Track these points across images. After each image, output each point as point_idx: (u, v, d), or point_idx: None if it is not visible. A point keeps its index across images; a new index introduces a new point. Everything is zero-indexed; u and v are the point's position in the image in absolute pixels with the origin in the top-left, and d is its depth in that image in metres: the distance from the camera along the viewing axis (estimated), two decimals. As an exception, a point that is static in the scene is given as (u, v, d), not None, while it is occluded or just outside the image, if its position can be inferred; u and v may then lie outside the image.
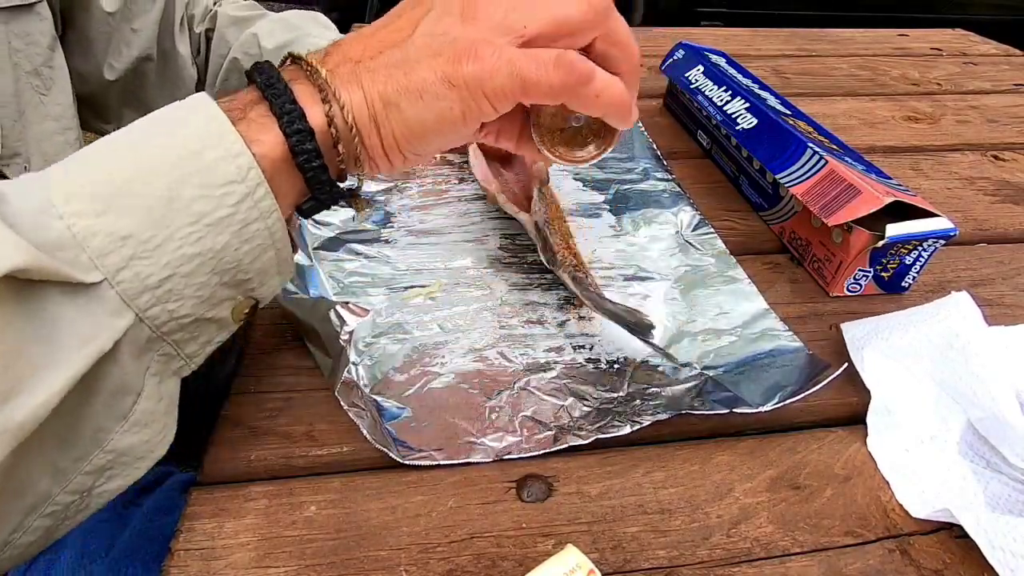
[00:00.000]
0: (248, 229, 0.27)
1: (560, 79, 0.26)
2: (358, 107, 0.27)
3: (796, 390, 0.37)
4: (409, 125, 0.28)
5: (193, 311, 0.27)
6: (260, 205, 0.26)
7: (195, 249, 0.26)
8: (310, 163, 0.27)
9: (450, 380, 0.38)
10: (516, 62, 0.26)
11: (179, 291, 0.26)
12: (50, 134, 0.48)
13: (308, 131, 0.27)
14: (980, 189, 0.62)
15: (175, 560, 0.29)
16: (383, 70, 0.27)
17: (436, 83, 0.27)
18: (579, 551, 0.27)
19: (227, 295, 0.28)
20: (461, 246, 0.49)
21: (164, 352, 0.28)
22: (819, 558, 0.31)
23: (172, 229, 0.25)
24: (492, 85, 0.26)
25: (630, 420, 0.35)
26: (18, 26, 0.45)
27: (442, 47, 0.27)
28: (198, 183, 0.25)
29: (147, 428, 0.28)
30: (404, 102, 0.27)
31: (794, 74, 0.88)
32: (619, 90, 0.28)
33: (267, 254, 0.28)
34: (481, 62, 0.26)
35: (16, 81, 0.45)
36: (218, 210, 0.26)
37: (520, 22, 0.27)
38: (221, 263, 0.27)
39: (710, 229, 0.52)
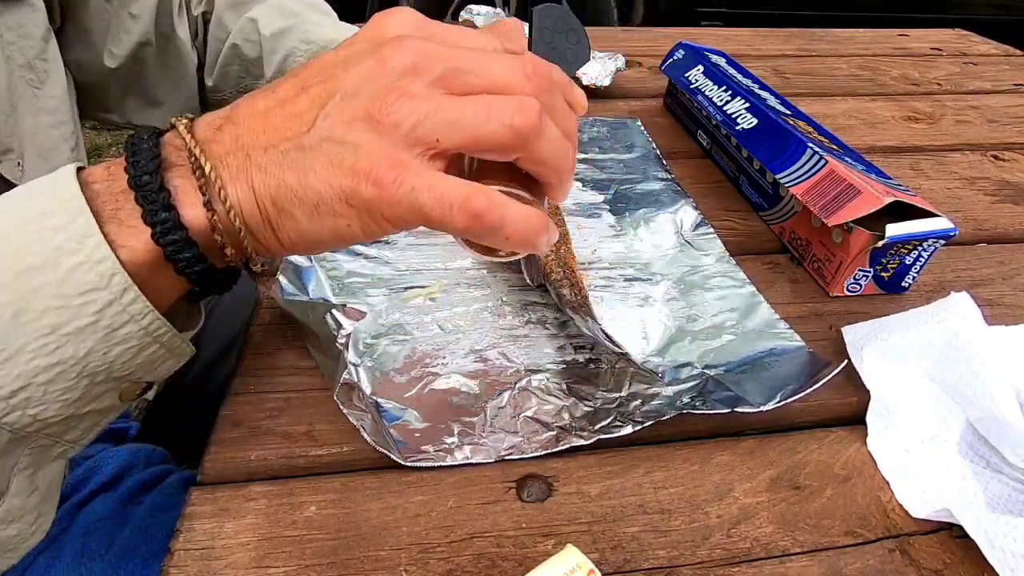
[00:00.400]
0: (117, 334, 0.25)
1: (464, 224, 0.23)
2: (247, 207, 0.25)
3: (797, 388, 0.37)
4: (304, 234, 0.26)
5: (61, 412, 0.25)
6: (130, 309, 0.24)
7: (51, 359, 0.24)
8: (191, 268, 0.25)
9: (451, 381, 0.38)
10: (419, 195, 0.23)
11: (38, 398, 0.24)
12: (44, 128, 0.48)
13: (185, 241, 0.25)
14: (980, 189, 0.62)
15: (175, 560, 0.29)
16: (275, 170, 0.25)
17: (333, 200, 0.24)
18: (579, 551, 0.27)
19: (105, 389, 0.26)
20: (459, 247, 0.49)
21: (38, 444, 0.26)
22: (819, 558, 0.31)
23: (21, 342, 0.23)
24: (391, 214, 0.24)
25: (631, 420, 0.35)
26: (11, 18, 0.44)
27: (342, 157, 0.24)
28: (51, 294, 0.23)
29: (16, 523, 0.27)
30: (298, 212, 0.25)
31: (794, 74, 0.88)
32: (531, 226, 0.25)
33: (148, 351, 0.26)
34: (381, 188, 0.23)
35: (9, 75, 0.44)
36: (76, 320, 0.24)
37: (433, 134, 0.24)
38: (88, 368, 0.25)
39: (710, 229, 0.52)
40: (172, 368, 0.29)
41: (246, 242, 0.26)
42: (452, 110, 0.24)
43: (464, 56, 0.25)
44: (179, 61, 0.60)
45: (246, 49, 0.59)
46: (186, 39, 0.59)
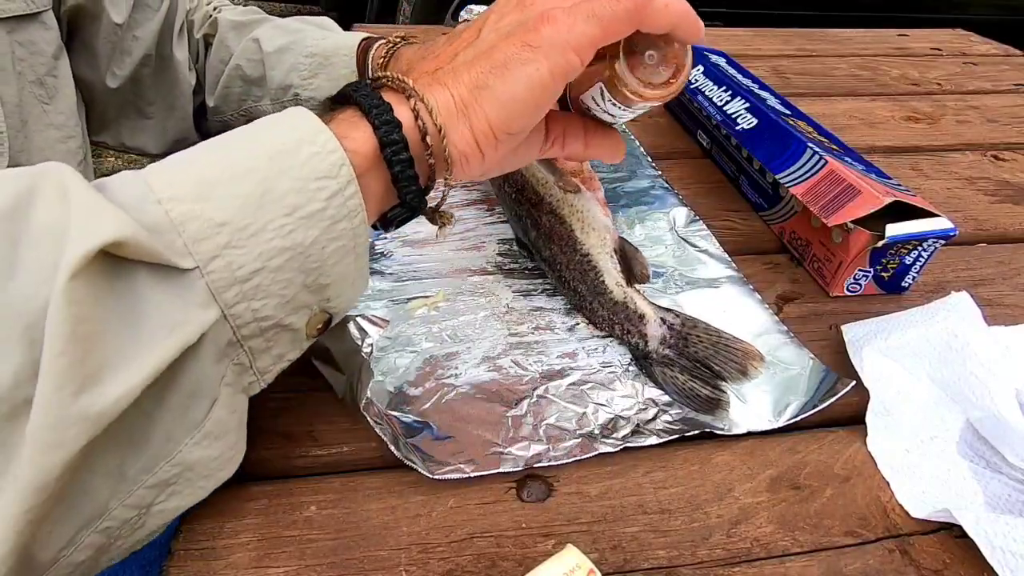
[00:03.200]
0: (336, 227, 0.27)
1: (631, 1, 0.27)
2: (443, 103, 0.29)
3: (806, 403, 0.37)
4: (500, 100, 0.29)
5: (274, 312, 0.27)
6: (349, 203, 0.27)
7: (286, 242, 0.26)
8: (398, 155, 0.28)
9: (467, 391, 0.38)
10: (587, 7, 0.28)
11: (265, 287, 0.26)
12: (52, 143, 0.48)
13: (396, 122, 0.28)
14: (980, 189, 0.62)
15: (175, 560, 0.29)
16: (463, 66, 0.29)
17: (518, 51, 0.28)
18: (579, 551, 0.27)
19: (306, 301, 0.28)
20: (460, 254, 0.49)
21: (239, 361, 0.28)
22: (819, 558, 0.31)
23: (267, 219, 0.26)
24: (573, 35, 0.28)
25: (655, 432, 0.35)
26: (22, 35, 0.45)
27: (513, 29, 0.29)
28: (294, 176, 0.26)
29: (218, 441, 0.28)
30: (491, 79, 0.28)
31: (794, 74, 0.88)
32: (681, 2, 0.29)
33: (348, 258, 0.29)
34: (556, 21, 0.28)
35: (20, 91, 0.45)
36: (311, 203, 0.26)
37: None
38: (308, 260, 0.27)
39: (703, 226, 0.52)
40: (349, 303, 0.31)
41: (443, 140, 0.29)
42: None
43: None
44: (175, 83, 0.60)
45: (248, 69, 0.60)
46: (184, 61, 0.60)
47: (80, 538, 0.25)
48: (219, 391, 0.27)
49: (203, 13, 0.63)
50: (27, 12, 0.45)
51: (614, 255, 0.43)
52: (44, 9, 0.47)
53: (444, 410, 0.37)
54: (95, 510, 0.25)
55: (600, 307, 0.42)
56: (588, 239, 0.43)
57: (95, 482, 0.24)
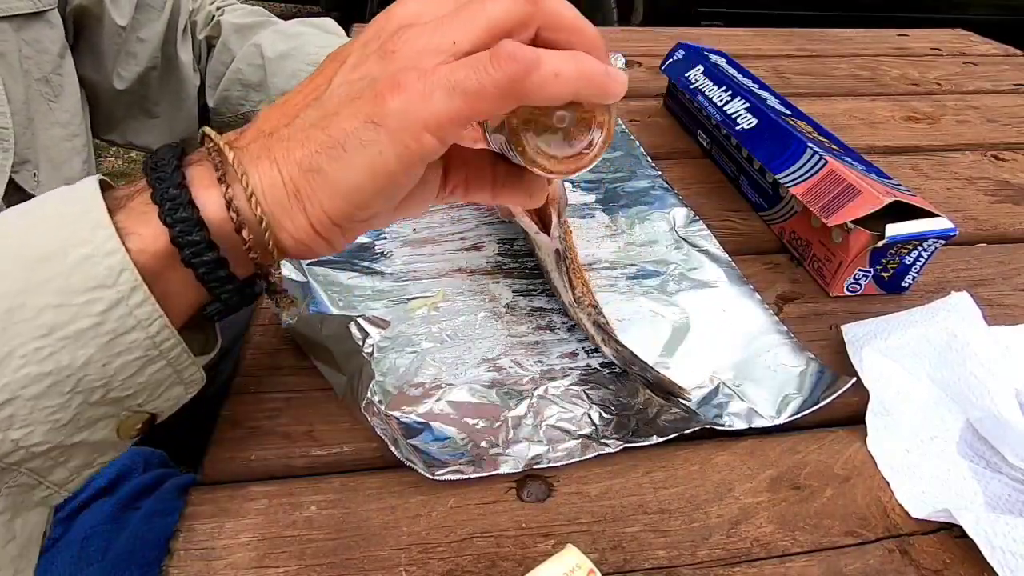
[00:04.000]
0: (121, 341, 0.23)
1: (506, 73, 0.21)
2: (270, 186, 0.23)
3: (805, 400, 0.38)
4: (336, 189, 0.23)
5: (48, 438, 0.23)
6: (136, 312, 0.23)
7: (44, 367, 0.22)
8: (198, 257, 0.23)
9: (467, 392, 0.38)
10: (450, 76, 0.22)
11: (23, 417, 0.22)
12: (58, 140, 0.48)
13: (193, 220, 0.23)
14: (980, 189, 0.62)
15: (175, 560, 0.29)
16: (298, 135, 0.23)
17: (359, 128, 0.22)
18: (579, 551, 0.27)
19: (101, 414, 0.24)
20: (459, 254, 0.49)
21: (17, 483, 0.23)
22: (819, 558, 0.31)
23: (13, 345, 0.21)
24: (428, 112, 0.22)
25: (656, 432, 0.35)
26: (29, 33, 0.45)
27: (361, 90, 0.23)
28: (53, 289, 0.22)
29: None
30: (325, 162, 0.23)
31: (794, 74, 0.88)
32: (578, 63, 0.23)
33: (153, 367, 0.24)
34: (407, 90, 0.22)
35: (27, 88, 0.45)
36: (77, 321, 0.22)
37: (447, 39, 0.23)
38: (84, 381, 0.23)
39: (703, 226, 0.52)
40: (179, 399, 0.27)
41: (267, 233, 0.24)
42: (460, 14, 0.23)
43: None
44: (180, 83, 0.60)
45: (248, 73, 0.60)
46: (188, 62, 0.60)
47: None
48: None
49: (206, 14, 0.63)
50: (33, 10, 0.45)
51: (562, 270, 0.41)
52: (49, 8, 0.47)
53: (444, 411, 0.36)
54: None
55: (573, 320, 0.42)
56: (541, 256, 0.43)
57: None
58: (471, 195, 0.29)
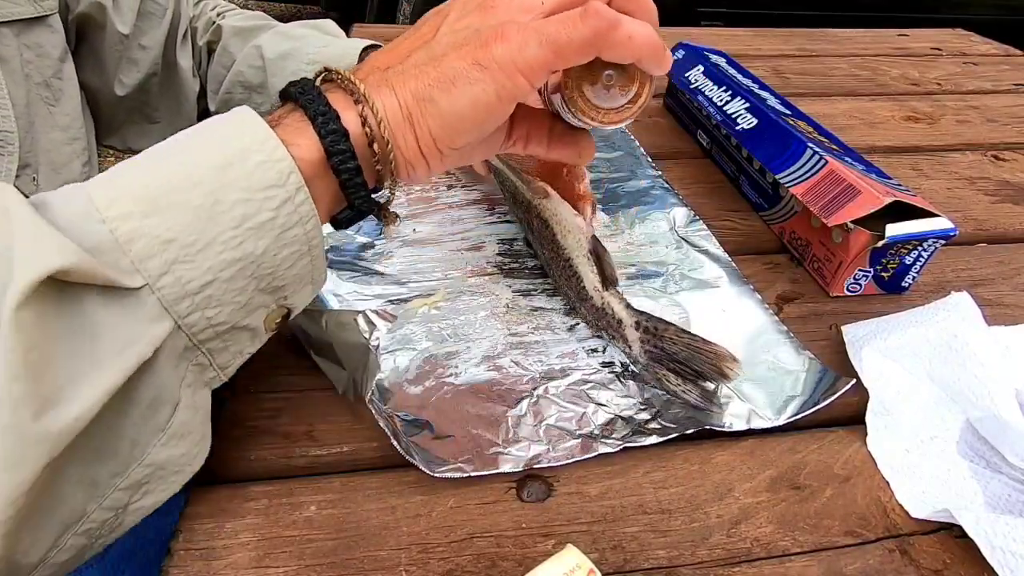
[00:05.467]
0: (287, 234, 0.27)
1: (591, 29, 0.26)
2: (391, 109, 0.28)
3: (806, 401, 0.37)
4: (444, 117, 0.28)
5: (230, 318, 0.27)
6: (300, 210, 0.27)
7: (236, 254, 0.26)
8: (345, 164, 0.27)
9: (467, 390, 0.38)
10: (544, 28, 0.26)
11: (218, 297, 0.26)
12: (58, 144, 0.49)
13: (342, 131, 0.27)
14: (980, 189, 0.62)
15: (175, 560, 0.29)
16: (412, 70, 0.28)
17: (467, 68, 0.27)
18: (579, 551, 0.27)
19: (262, 302, 0.28)
20: (459, 254, 0.49)
21: (198, 362, 0.28)
22: (819, 558, 0.31)
23: (215, 232, 0.25)
24: (524, 57, 0.26)
25: (655, 431, 0.35)
26: (30, 38, 0.46)
27: (467, 38, 0.27)
28: (242, 187, 0.25)
29: (184, 440, 0.28)
30: (437, 93, 0.27)
31: (794, 74, 0.88)
32: (649, 31, 0.27)
33: (303, 261, 0.28)
34: (508, 40, 0.26)
35: (28, 92, 0.45)
36: (260, 214, 0.26)
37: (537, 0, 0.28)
38: (260, 268, 0.27)
39: (703, 226, 0.52)
40: (308, 298, 0.31)
41: (390, 148, 0.28)
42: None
43: None
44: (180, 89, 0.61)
45: (249, 75, 0.60)
46: (188, 68, 0.60)
47: (63, 541, 0.25)
48: (180, 394, 0.27)
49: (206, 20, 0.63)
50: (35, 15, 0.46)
51: (590, 257, 0.42)
52: (51, 13, 0.47)
53: (444, 409, 0.37)
54: (73, 515, 0.25)
55: (586, 312, 0.42)
56: (567, 242, 0.43)
57: (69, 490, 0.25)
58: (530, 147, 0.34)
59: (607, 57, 0.28)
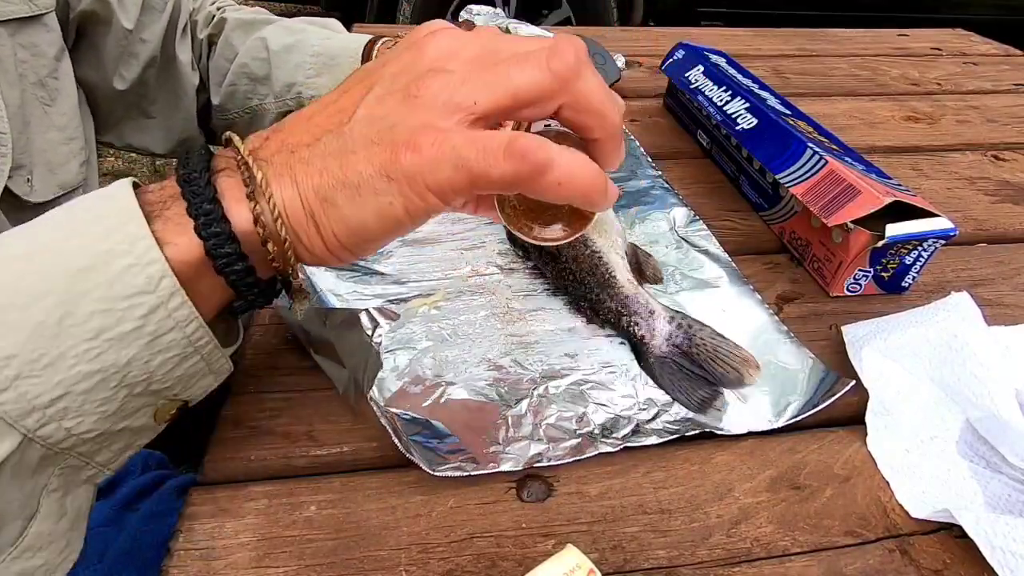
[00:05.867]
0: (161, 340, 0.25)
1: (512, 170, 0.23)
2: (291, 204, 0.25)
3: (806, 402, 0.37)
4: (348, 224, 0.25)
5: (97, 426, 0.25)
6: (175, 315, 0.25)
7: (93, 366, 0.24)
8: (230, 267, 0.25)
9: (467, 390, 0.38)
10: (461, 151, 0.23)
11: (76, 409, 0.24)
12: (54, 144, 0.48)
13: (226, 234, 0.25)
14: (980, 189, 0.62)
15: (175, 560, 0.29)
16: (318, 160, 0.25)
17: (374, 177, 0.24)
18: (579, 551, 0.27)
19: (143, 403, 0.26)
20: (459, 253, 0.49)
21: (67, 465, 0.26)
22: (819, 558, 0.31)
23: (65, 347, 0.23)
24: (435, 179, 0.23)
25: (655, 432, 0.35)
26: (24, 37, 0.45)
27: (381, 135, 0.24)
28: (98, 297, 0.23)
29: (43, 551, 0.26)
30: (340, 198, 0.24)
31: (794, 74, 0.88)
32: (585, 174, 0.24)
33: (188, 362, 0.26)
34: (420, 153, 0.23)
35: (22, 93, 0.45)
36: (121, 324, 0.24)
37: (469, 98, 0.24)
38: (128, 377, 0.25)
39: (703, 226, 0.52)
40: (209, 386, 0.28)
41: (288, 247, 0.25)
42: (487, 72, 0.24)
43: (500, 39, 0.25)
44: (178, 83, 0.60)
45: (254, 67, 0.60)
46: (187, 61, 0.60)
47: None
48: (38, 505, 0.25)
49: (206, 14, 0.63)
50: (30, 14, 0.45)
51: (625, 256, 0.43)
52: (46, 11, 0.47)
53: (444, 409, 0.37)
54: None
55: (608, 299, 0.42)
56: (599, 239, 0.44)
57: None
58: (480, 212, 0.31)
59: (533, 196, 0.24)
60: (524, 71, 0.24)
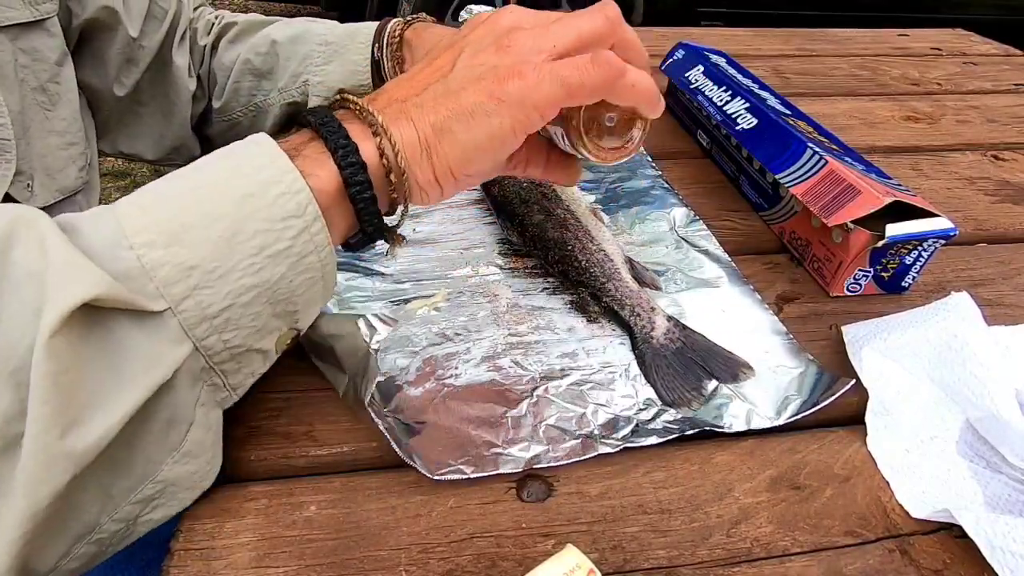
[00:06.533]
0: (303, 262, 0.28)
1: (600, 74, 0.28)
2: (409, 140, 0.29)
3: (805, 401, 0.38)
4: (463, 147, 0.29)
5: (245, 341, 0.28)
6: (316, 239, 0.28)
7: (254, 280, 0.27)
8: (362, 194, 0.29)
9: (467, 391, 0.38)
10: (557, 70, 0.28)
11: (235, 320, 0.27)
12: (54, 149, 0.48)
13: (361, 164, 0.28)
14: (980, 189, 0.62)
15: (175, 560, 0.29)
16: (430, 102, 0.29)
17: (485, 102, 0.28)
18: (579, 551, 0.27)
19: (276, 325, 0.29)
20: (460, 254, 0.49)
21: (212, 382, 0.29)
22: (819, 558, 0.31)
23: (235, 260, 0.27)
24: (539, 95, 0.28)
25: (655, 432, 0.36)
26: (26, 42, 0.45)
27: (484, 73, 0.29)
28: (261, 217, 0.27)
29: (196, 459, 0.29)
30: (456, 125, 0.29)
31: (794, 74, 0.88)
32: (648, 80, 0.30)
33: (316, 286, 0.30)
34: (524, 78, 0.28)
35: (22, 98, 0.45)
36: (278, 243, 0.27)
37: (549, 42, 0.29)
38: (276, 294, 0.28)
39: (702, 226, 0.52)
40: (315, 316, 0.33)
41: (405, 178, 0.29)
42: (558, 25, 0.30)
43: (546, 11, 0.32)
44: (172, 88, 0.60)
45: (257, 63, 0.60)
46: (183, 66, 0.60)
47: (75, 550, 0.27)
48: (195, 414, 0.28)
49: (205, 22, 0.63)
50: (31, 19, 0.45)
51: (626, 262, 0.45)
52: (48, 16, 0.46)
53: (444, 410, 0.36)
54: (87, 526, 0.27)
55: (614, 289, 0.43)
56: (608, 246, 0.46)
57: (85, 503, 0.26)
58: (528, 171, 0.36)
59: (612, 100, 0.30)
60: (585, 19, 0.30)
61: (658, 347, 0.40)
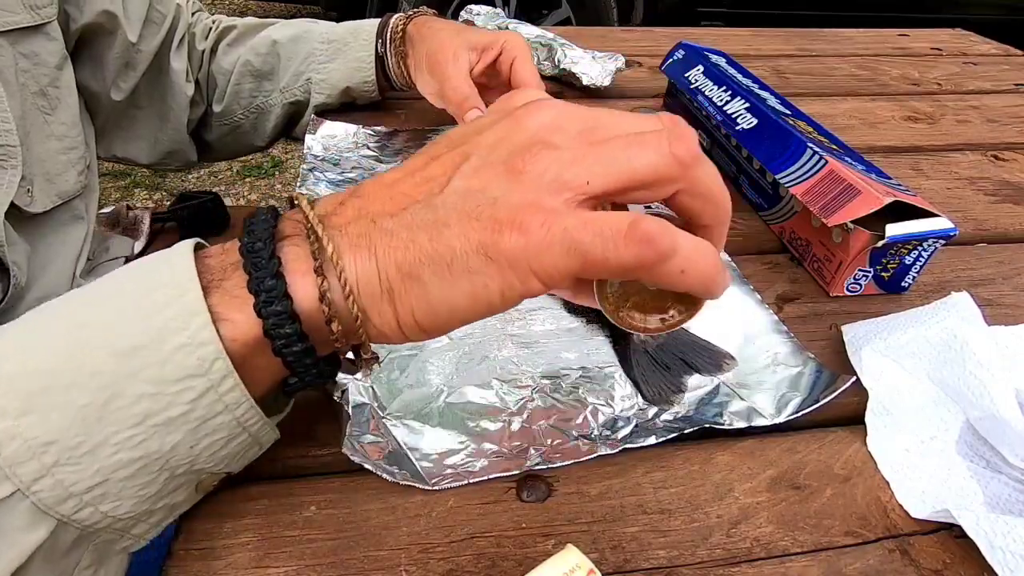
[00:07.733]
0: (209, 424, 0.23)
1: (634, 256, 0.21)
2: (365, 279, 0.23)
3: (805, 399, 0.38)
4: (432, 303, 0.23)
5: (134, 508, 0.24)
6: (226, 398, 0.23)
7: (135, 453, 0.22)
8: (289, 348, 0.23)
9: (466, 392, 0.38)
10: (574, 235, 0.21)
11: (115, 493, 0.23)
12: (53, 154, 0.48)
13: (287, 313, 0.23)
14: (980, 189, 0.62)
15: (175, 560, 0.29)
16: (404, 232, 0.22)
17: (469, 254, 0.22)
18: (579, 551, 0.27)
19: (184, 481, 0.25)
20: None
21: (103, 540, 0.25)
22: (819, 558, 0.31)
23: (106, 434, 0.22)
24: (542, 263, 0.21)
25: (655, 431, 0.35)
26: (26, 47, 0.45)
27: (480, 209, 0.22)
28: (148, 378, 0.22)
29: None
30: (428, 274, 0.22)
31: (794, 74, 0.88)
32: (709, 261, 0.22)
33: (236, 440, 0.25)
34: (527, 234, 0.21)
35: (23, 102, 0.44)
36: (169, 409, 0.22)
37: (581, 177, 0.22)
38: (171, 462, 0.24)
39: None
40: (254, 457, 0.28)
41: (359, 324, 0.23)
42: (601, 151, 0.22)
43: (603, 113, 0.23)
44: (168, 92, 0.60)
45: (258, 63, 0.60)
46: (181, 71, 0.60)
47: None
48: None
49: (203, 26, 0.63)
50: (32, 24, 0.45)
51: None
52: (49, 21, 0.46)
53: (442, 411, 0.36)
54: None
55: None
56: None
57: None
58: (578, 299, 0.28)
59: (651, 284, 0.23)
60: (644, 153, 0.22)
61: (638, 342, 0.40)
